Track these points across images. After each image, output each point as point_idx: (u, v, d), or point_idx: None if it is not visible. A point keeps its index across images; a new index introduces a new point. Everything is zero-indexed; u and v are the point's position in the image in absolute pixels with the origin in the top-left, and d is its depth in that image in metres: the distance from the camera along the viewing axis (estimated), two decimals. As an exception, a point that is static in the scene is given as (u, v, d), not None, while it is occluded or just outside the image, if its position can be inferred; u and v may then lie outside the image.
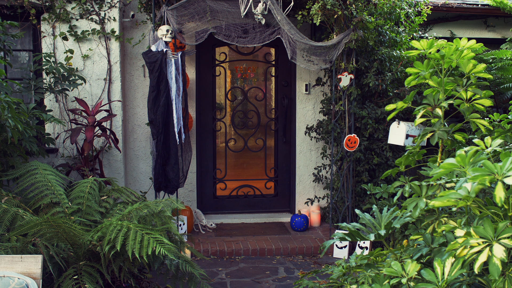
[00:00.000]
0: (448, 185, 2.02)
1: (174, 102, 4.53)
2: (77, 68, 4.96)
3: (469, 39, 2.20)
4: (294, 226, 5.50)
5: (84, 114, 4.71)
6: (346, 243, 4.87)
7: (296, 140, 5.77)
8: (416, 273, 1.78)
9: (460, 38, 2.20)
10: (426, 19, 5.58)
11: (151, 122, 4.58)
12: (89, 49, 5.01)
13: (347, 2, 4.58)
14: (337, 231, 4.63)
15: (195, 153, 5.58)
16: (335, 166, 5.25)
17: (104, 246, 2.84)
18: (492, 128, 2.27)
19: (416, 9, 5.47)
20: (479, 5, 6.13)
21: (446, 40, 2.31)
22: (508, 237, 1.51)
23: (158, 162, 4.61)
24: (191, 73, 5.50)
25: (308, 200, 5.73)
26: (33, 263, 2.55)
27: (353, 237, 2.20)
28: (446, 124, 2.29)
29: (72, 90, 4.81)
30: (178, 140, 4.59)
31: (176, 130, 4.57)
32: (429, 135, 2.28)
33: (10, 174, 3.66)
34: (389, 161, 5.08)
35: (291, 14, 4.72)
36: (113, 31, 5.01)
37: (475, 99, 2.21)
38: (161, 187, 4.70)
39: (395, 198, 2.33)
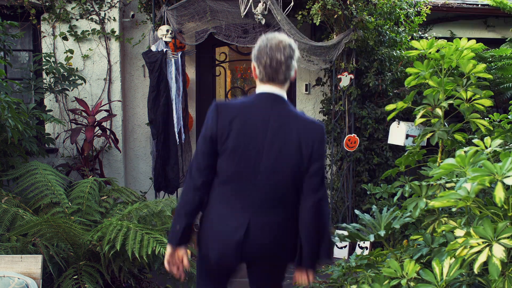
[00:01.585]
0: (448, 185, 2.02)
1: (174, 102, 4.53)
2: (77, 68, 4.96)
3: (469, 39, 2.20)
4: (294, 226, 5.49)
5: (84, 114, 4.71)
6: (346, 243, 4.87)
7: (296, 140, 5.76)
8: (416, 273, 1.78)
9: (460, 38, 2.20)
10: (426, 19, 5.58)
11: (151, 122, 4.58)
12: (89, 49, 5.01)
13: (347, 2, 4.58)
14: (337, 231, 4.63)
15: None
16: (335, 166, 5.25)
17: (104, 246, 2.84)
18: (492, 128, 2.27)
19: (416, 9, 5.47)
20: (479, 5, 6.13)
21: (446, 40, 2.31)
22: (507, 237, 1.51)
23: (158, 162, 4.61)
24: (191, 73, 5.50)
25: (308, 200, 5.73)
26: (33, 263, 2.55)
27: (353, 238, 2.20)
28: (446, 124, 2.29)
29: (72, 90, 4.81)
30: (178, 140, 4.59)
31: (176, 130, 4.57)
32: (429, 135, 2.28)
33: (10, 174, 3.66)
34: (389, 161, 5.08)
35: (291, 14, 4.72)
36: (113, 31, 5.01)
37: (475, 99, 2.21)
38: (161, 187, 4.70)
39: (395, 198, 2.33)
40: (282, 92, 2.07)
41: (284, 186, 2.05)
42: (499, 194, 1.48)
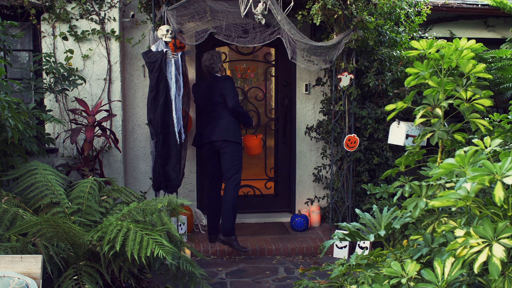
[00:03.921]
0: (448, 185, 2.02)
1: (173, 102, 4.53)
2: (77, 68, 4.96)
3: (469, 39, 2.20)
4: (294, 226, 5.50)
5: (84, 114, 4.71)
6: (346, 243, 4.87)
7: (296, 140, 5.77)
8: (416, 273, 1.78)
9: (460, 38, 2.20)
10: (426, 19, 5.58)
11: (149, 122, 4.58)
12: (89, 49, 5.01)
13: (347, 2, 4.58)
14: (337, 231, 4.62)
15: (195, 153, 5.58)
16: (335, 166, 5.25)
17: (104, 246, 2.84)
18: (492, 128, 2.27)
19: (416, 9, 5.47)
20: (479, 5, 6.13)
21: (446, 40, 2.31)
22: (507, 237, 1.51)
23: (157, 162, 4.61)
24: (191, 73, 5.50)
25: (308, 200, 5.73)
26: (33, 263, 2.56)
27: (353, 237, 2.20)
28: (446, 124, 2.29)
29: (72, 90, 4.81)
30: (178, 140, 4.59)
31: (176, 130, 4.56)
32: (429, 135, 2.28)
33: (10, 174, 3.66)
34: (389, 161, 5.08)
35: (291, 14, 4.72)
36: (113, 31, 5.01)
37: (475, 99, 2.21)
38: (161, 187, 4.69)
39: (395, 198, 2.33)
40: (216, 74, 4.92)
41: (219, 109, 4.81)
42: (499, 193, 1.48)
